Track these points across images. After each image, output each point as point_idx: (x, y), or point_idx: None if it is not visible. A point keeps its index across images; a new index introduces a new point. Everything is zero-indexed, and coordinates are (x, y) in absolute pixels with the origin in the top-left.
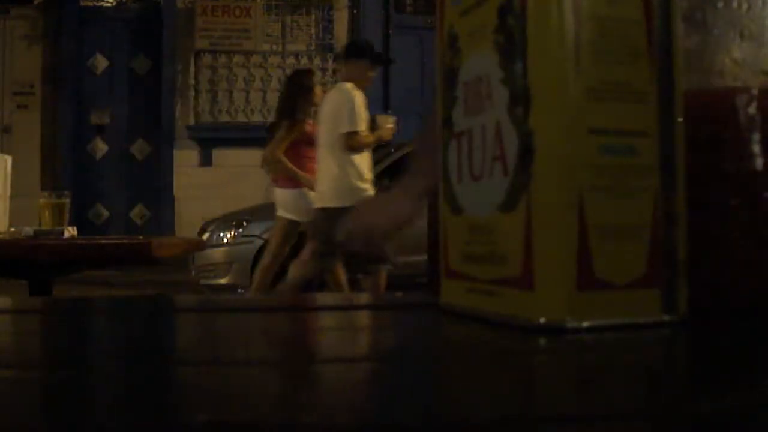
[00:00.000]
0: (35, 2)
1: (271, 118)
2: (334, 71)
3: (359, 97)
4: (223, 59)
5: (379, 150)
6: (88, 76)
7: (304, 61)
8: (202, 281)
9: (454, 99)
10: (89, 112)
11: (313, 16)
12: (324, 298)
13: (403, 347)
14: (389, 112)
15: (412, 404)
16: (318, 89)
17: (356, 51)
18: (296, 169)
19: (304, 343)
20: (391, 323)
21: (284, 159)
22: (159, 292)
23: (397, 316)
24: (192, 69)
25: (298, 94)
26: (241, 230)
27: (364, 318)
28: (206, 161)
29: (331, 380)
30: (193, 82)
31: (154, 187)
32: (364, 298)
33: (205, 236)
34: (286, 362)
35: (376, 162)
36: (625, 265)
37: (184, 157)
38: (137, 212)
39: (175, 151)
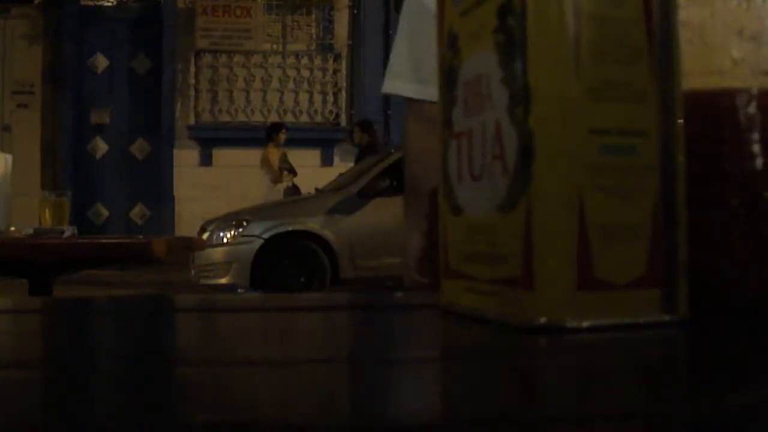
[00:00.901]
0: (35, 2)
1: (271, 118)
2: (335, 71)
3: None
4: (223, 59)
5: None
6: (88, 75)
7: (304, 61)
8: (202, 281)
9: (454, 99)
10: (89, 112)
11: (313, 16)
12: (324, 297)
13: (403, 347)
14: (389, 112)
15: (412, 404)
16: None
17: None
18: None
19: (303, 342)
20: (390, 323)
21: None
22: (159, 292)
23: (397, 316)
24: (192, 69)
25: None
26: (241, 230)
27: (363, 318)
28: (206, 161)
29: (330, 380)
30: (193, 81)
31: (154, 187)
32: (363, 298)
33: (205, 236)
34: (286, 362)
35: (375, 162)
36: (625, 265)
37: (184, 157)
38: (137, 212)
39: (175, 151)
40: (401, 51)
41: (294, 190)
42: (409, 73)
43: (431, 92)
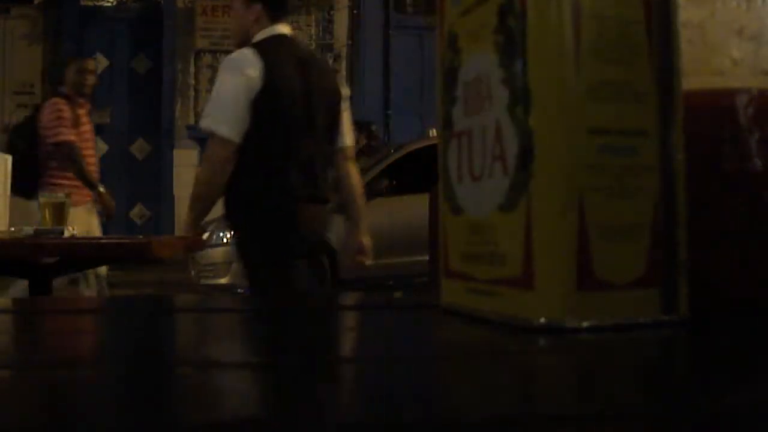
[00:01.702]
0: (35, 2)
1: None
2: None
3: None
4: (223, 59)
5: (380, 150)
6: None
7: None
8: (202, 281)
9: (454, 99)
10: (89, 112)
11: (313, 16)
12: (323, 298)
13: (403, 347)
14: (389, 112)
15: (412, 404)
16: None
17: None
18: None
19: (303, 343)
20: (390, 323)
21: None
22: (159, 292)
23: (397, 316)
24: (192, 69)
25: None
26: None
27: (363, 318)
28: None
29: (330, 380)
30: (193, 81)
31: (154, 187)
32: (363, 298)
33: (205, 236)
34: (286, 362)
35: (375, 162)
36: (625, 265)
37: (184, 157)
38: (137, 212)
39: (175, 151)
40: (218, 99)
41: None
42: (221, 116)
43: (233, 133)
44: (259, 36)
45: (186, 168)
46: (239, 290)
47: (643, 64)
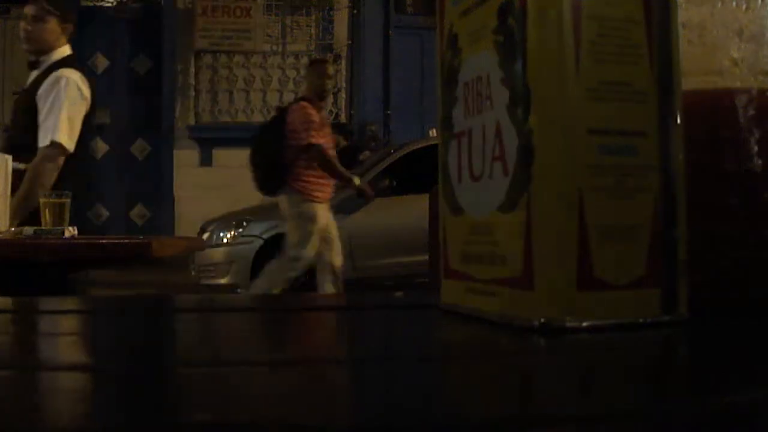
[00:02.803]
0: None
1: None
2: (334, 71)
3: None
4: (223, 59)
5: (380, 150)
6: (88, 75)
7: (304, 61)
8: (202, 281)
9: (454, 99)
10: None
11: (313, 17)
12: (323, 297)
13: (403, 347)
14: (389, 113)
15: (412, 404)
16: None
17: None
18: None
19: (303, 343)
20: (391, 323)
21: None
22: (159, 292)
23: (397, 316)
24: (192, 69)
25: None
26: (241, 230)
27: (363, 318)
28: (206, 161)
29: (330, 380)
30: (193, 82)
31: (154, 187)
32: (363, 298)
33: (205, 236)
34: (286, 362)
35: (376, 162)
36: (625, 265)
37: (184, 157)
38: (137, 212)
39: (175, 151)
40: (67, 116)
41: None
42: (69, 132)
43: (73, 146)
44: (60, 54)
45: (186, 168)
46: (239, 290)
47: (643, 64)
